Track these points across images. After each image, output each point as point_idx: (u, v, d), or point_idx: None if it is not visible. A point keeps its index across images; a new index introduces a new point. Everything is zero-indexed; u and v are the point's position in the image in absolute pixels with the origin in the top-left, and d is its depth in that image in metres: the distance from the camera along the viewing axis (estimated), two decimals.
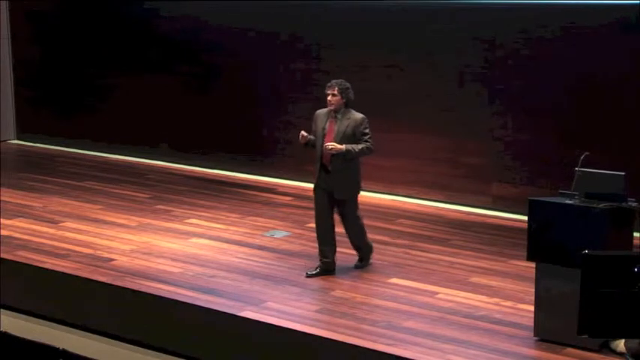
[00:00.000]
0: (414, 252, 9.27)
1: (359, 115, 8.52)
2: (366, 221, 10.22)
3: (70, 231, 10.02)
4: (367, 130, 8.49)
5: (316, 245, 8.70)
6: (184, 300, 8.05)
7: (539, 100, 10.36)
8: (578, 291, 5.41)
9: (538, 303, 7.14)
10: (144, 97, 13.40)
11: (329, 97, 8.50)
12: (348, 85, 8.54)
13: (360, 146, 8.45)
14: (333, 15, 11.69)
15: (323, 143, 8.48)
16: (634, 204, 6.91)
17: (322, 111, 8.64)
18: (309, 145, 8.65)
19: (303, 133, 8.58)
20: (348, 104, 8.53)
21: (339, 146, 8.38)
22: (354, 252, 9.17)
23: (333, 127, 8.50)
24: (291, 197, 11.28)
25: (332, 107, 8.50)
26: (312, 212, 8.74)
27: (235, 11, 12.50)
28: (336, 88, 8.48)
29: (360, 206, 10.91)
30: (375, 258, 9.03)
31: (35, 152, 14.29)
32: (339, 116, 8.50)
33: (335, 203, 8.62)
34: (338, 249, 8.72)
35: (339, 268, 8.71)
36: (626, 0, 9.78)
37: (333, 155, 8.42)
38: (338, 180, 8.50)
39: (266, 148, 12.33)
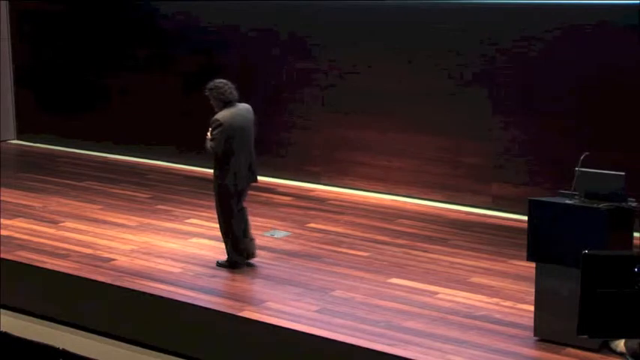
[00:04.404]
0: (414, 252, 9.26)
1: (216, 115, 8.55)
2: (366, 221, 10.25)
3: (70, 231, 10.01)
4: (214, 132, 8.51)
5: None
6: (184, 300, 8.05)
7: (540, 99, 10.35)
8: (578, 291, 5.40)
9: (538, 303, 7.13)
10: (144, 97, 13.40)
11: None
12: (215, 85, 8.62)
13: (207, 143, 8.55)
14: (333, 15, 11.68)
15: None
16: (634, 204, 6.91)
17: None
18: None
19: None
20: (226, 103, 8.60)
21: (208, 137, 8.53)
22: (353, 252, 9.17)
23: None
24: (291, 197, 11.26)
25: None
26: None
27: (235, 11, 12.49)
28: (206, 91, 8.62)
29: (360, 206, 10.95)
30: (375, 258, 9.03)
31: (35, 152, 14.28)
32: None
33: None
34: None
35: (339, 267, 8.71)
36: (627, 0, 9.79)
37: None
38: None
39: (266, 148, 12.31)
